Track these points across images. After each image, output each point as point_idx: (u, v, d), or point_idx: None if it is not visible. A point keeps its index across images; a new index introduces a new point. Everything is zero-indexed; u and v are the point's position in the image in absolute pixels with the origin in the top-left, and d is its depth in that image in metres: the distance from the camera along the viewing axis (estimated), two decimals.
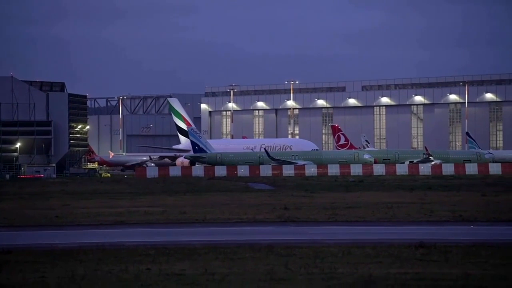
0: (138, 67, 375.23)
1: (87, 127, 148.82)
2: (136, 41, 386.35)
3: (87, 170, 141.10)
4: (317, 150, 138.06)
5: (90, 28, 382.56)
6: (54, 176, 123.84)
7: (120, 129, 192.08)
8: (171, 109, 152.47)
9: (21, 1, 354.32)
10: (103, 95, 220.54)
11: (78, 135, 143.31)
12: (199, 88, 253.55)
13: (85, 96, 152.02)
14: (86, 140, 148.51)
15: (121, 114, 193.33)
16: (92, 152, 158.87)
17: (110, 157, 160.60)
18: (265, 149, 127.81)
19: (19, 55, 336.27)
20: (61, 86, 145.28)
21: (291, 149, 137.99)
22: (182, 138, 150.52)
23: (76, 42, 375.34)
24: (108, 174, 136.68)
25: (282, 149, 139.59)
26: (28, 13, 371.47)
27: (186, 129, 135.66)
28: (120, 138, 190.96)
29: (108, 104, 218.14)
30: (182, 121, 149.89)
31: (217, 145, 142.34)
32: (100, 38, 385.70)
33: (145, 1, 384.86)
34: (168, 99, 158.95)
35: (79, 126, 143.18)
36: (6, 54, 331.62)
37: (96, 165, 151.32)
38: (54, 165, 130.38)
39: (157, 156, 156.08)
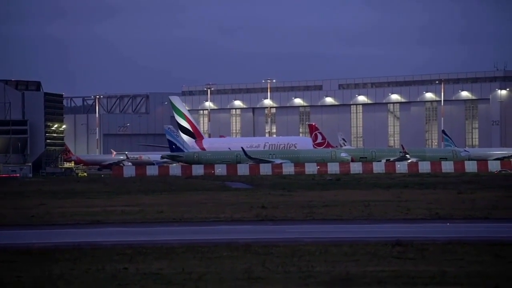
0: (113, 66, 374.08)
1: (64, 126, 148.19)
2: (114, 41, 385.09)
3: (63, 169, 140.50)
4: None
5: (62, 27, 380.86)
6: (30, 175, 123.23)
7: (97, 128, 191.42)
8: (173, 107, 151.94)
9: None
10: (80, 94, 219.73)
11: (55, 134, 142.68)
12: (176, 87, 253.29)
13: (61, 95, 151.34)
14: (63, 139, 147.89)
15: (98, 113, 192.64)
16: (69, 151, 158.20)
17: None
18: (242, 148, 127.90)
19: None
20: (37, 85, 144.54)
21: (295, 147, 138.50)
22: (184, 136, 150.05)
23: (50, 41, 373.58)
24: (85, 174, 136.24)
25: (287, 148, 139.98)
26: (3, 11, 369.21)
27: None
28: (97, 137, 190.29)
29: (85, 103, 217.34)
30: (184, 120, 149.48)
31: (221, 144, 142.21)
32: (75, 37, 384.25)
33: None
34: (170, 97, 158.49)
35: (55, 125, 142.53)
36: None
37: (73, 164, 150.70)
38: (30, 164, 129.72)
39: (137, 156, 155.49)
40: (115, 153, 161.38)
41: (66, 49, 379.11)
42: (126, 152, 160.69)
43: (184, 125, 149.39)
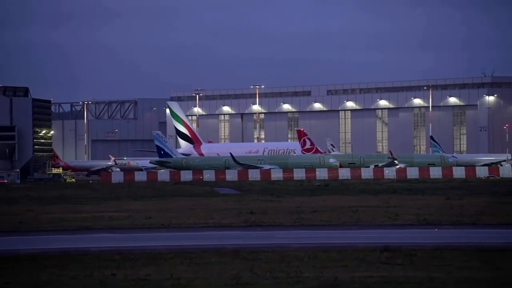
0: (101, 72, 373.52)
1: (52, 132, 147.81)
2: (97, 46, 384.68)
3: (51, 175, 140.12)
4: (324, 152, 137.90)
5: (51, 32, 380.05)
6: (18, 181, 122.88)
7: (85, 134, 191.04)
8: (171, 113, 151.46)
9: None
10: (68, 100, 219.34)
11: (43, 140, 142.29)
12: (165, 92, 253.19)
13: (49, 101, 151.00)
14: (51, 145, 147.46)
15: (86, 119, 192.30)
16: (57, 157, 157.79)
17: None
18: (231, 153, 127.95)
19: None
20: (25, 91, 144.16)
21: (294, 153, 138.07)
22: (182, 142, 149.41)
23: (38, 46, 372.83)
24: (73, 180, 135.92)
25: (286, 153, 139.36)
26: None
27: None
28: (85, 143, 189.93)
29: (73, 109, 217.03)
30: (182, 125, 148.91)
31: (219, 149, 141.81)
32: (62, 42, 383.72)
33: (114, 3, 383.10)
34: (168, 102, 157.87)
35: (43, 131, 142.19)
36: None
37: (61, 170, 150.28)
38: (18, 170, 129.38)
39: (125, 162, 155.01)
40: (113, 158, 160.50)
41: (54, 55, 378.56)
42: (125, 158, 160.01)
43: (182, 131, 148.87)
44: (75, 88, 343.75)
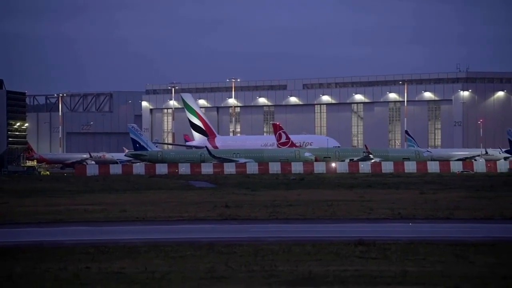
0: (78, 63, 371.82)
1: (26, 124, 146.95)
2: (72, 38, 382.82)
3: (26, 168, 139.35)
4: (338, 147, 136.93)
5: (26, 23, 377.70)
6: None
7: (60, 127, 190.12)
8: (185, 104, 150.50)
9: None
10: (42, 92, 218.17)
11: (17, 133, 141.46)
12: (141, 85, 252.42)
13: (24, 93, 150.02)
14: (25, 138, 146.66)
15: (61, 111, 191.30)
16: (31, 149, 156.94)
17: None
18: (206, 147, 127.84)
19: None
20: None
21: (311, 146, 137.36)
22: (195, 134, 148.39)
23: (13, 38, 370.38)
24: (47, 172, 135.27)
25: (302, 146, 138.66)
26: None
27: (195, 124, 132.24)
28: (60, 136, 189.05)
29: (48, 101, 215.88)
30: (196, 117, 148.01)
31: (234, 142, 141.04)
32: (37, 34, 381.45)
33: None
34: (181, 94, 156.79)
35: (18, 124, 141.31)
36: None
37: (35, 163, 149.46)
38: None
39: (100, 155, 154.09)
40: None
41: (28, 46, 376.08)
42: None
43: (196, 123, 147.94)
44: (50, 80, 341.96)
